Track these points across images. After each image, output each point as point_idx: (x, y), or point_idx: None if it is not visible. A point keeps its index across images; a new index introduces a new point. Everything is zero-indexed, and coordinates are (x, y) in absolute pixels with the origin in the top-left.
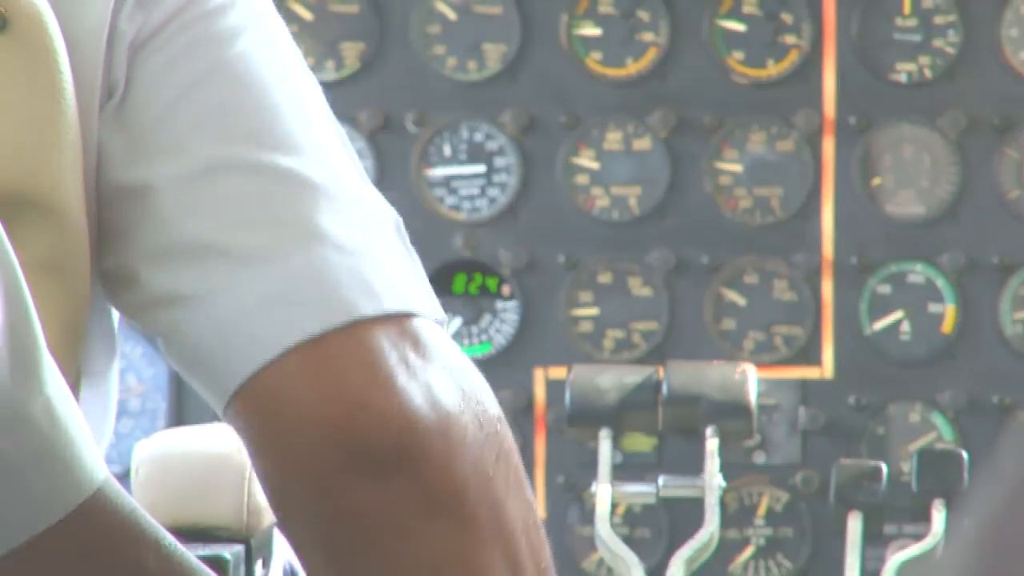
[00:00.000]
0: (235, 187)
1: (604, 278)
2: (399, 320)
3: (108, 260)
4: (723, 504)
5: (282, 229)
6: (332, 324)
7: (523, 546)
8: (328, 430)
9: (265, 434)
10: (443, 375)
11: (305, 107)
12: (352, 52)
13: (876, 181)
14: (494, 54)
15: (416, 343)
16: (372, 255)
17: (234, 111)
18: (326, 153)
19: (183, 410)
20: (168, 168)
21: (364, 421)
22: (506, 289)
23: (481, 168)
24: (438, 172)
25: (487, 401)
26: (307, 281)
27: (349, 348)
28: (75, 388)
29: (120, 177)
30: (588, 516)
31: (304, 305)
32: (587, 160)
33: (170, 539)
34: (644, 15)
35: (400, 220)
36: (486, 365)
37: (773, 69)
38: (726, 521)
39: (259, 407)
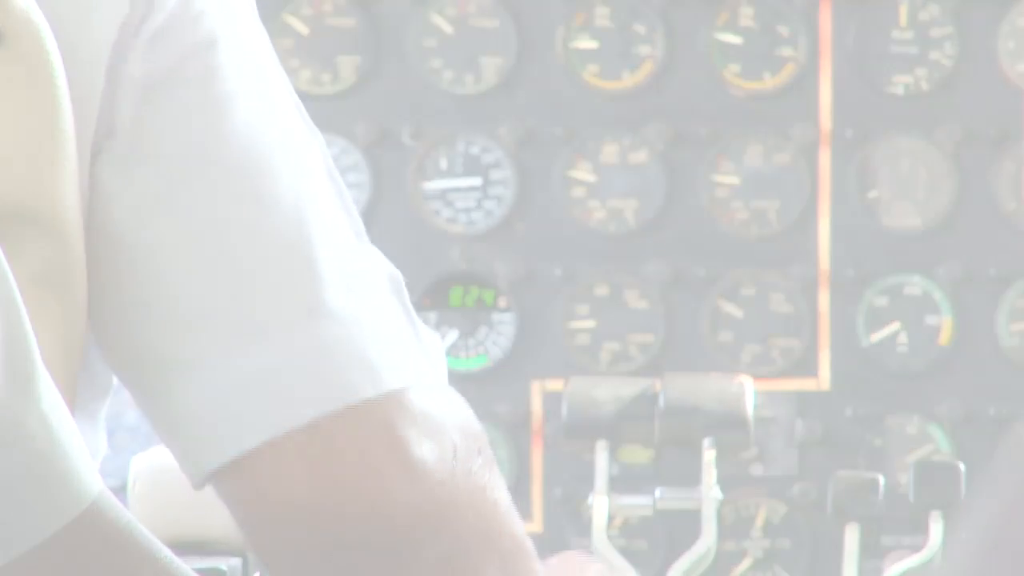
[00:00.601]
0: (233, 252)
1: (601, 291)
2: (395, 397)
3: (93, 305)
4: (720, 516)
5: (278, 301)
6: (328, 409)
7: (511, 553)
8: (318, 518)
9: (252, 514)
10: (434, 443)
11: (306, 169)
12: (348, 65)
13: (873, 193)
14: (491, 67)
15: (412, 418)
16: (369, 324)
17: (237, 174)
18: (326, 216)
19: None
20: (164, 224)
21: (355, 511)
22: (503, 302)
23: (478, 181)
24: (434, 185)
25: (471, 440)
26: (302, 359)
27: (344, 434)
28: (70, 408)
29: (115, 225)
30: (585, 528)
31: (300, 386)
32: (584, 173)
33: (166, 552)
34: (641, 28)
35: (398, 275)
36: (483, 378)
37: (770, 82)
38: (723, 533)
39: (246, 487)
